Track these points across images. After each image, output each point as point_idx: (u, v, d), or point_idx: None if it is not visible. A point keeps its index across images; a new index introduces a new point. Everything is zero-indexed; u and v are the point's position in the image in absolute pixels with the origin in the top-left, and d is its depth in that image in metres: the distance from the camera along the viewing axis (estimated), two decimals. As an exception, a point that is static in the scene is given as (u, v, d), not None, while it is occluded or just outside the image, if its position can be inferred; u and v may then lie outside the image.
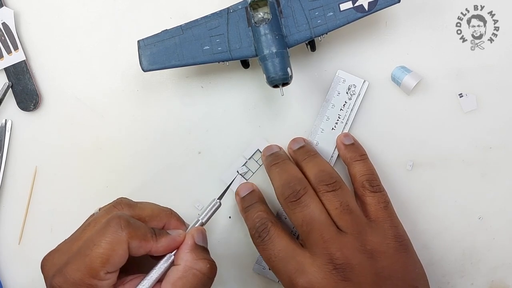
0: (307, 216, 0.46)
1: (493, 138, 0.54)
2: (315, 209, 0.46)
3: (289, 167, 0.50)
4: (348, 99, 0.53)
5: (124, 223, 0.43)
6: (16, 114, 0.57)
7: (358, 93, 0.53)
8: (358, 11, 0.47)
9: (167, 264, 0.45)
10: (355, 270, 0.44)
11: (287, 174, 0.49)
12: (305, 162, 0.51)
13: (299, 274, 0.44)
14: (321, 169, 0.49)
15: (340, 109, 0.53)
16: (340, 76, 0.53)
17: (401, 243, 0.47)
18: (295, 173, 0.49)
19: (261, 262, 0.54)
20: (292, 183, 0.48)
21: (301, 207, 0.47)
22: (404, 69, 0.52)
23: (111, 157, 0.56)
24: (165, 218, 0.49)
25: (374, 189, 0.49)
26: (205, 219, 0.49)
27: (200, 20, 0.50)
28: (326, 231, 0.45)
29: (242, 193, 0.53)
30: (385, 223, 0.47)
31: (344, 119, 0.53)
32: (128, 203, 0.48)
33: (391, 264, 0.45)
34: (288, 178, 0.49)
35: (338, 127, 0.53)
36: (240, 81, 0.55)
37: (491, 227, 0.54)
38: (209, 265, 0.45)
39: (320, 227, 0.46)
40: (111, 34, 0.57)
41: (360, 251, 0.45)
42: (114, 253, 0.41)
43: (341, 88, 0.53)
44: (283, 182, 0.49)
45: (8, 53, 0.56)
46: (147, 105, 0.56)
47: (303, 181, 0.48)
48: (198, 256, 0.45)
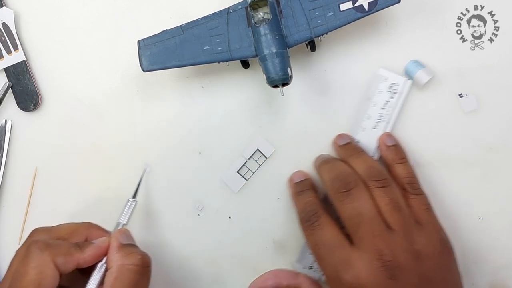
0: (356, 209, 0.46)
1: (493, 139, 0.54)
2: (366, 203, 0.46)
3: (339, 164, 0.50)
4: (390, 97, 0.52)
5: (42, 245, 0.43)
6: (16, 114, 0.57)
7: (401, 92, 0.53)
8: (358, 11, 0.47)
9: (101, 273, 0.45)
10: (403, 269, 0.43)
11: (337, 169, 0.49)
12: (353, 158, 0.50)
13: (346, 267, 0.44)
14: (371, 165, 0.49)
15: (381, 108, 0.53)
16: (381, 74, 0.53)
17: (445, 247, 0.47)
18: (346, 169, 0.49)
19: (302, 260, 0.54)
20: (343, 175, 0.48)
21: (351, 199, 0.46)
22: (417, 64, 0.52)
23: (111, 157, 0.56)
24: (85, 231, 0.48)
25: (416, 191, 0.49)
26: (125, 220, 0.50)
27: (200, 20, 0.50)
28: (376, 226, 0.45)
29: (296, 179, 0.52)
30: (429, 225, 0.47)
31: (386, 118, 0.53)
32: (44, 229, 0.48)
33: (435, 267, 0.45)
34: (339, 172, 0.48)
35: (380, 126, 0.53)
36: (240, 81, 0.55)
37: (492, 228, 0.54)
38: (139, 257, 0.45)
39: (370, 221, 0.45)
40: (111, 34, 0.57)
41: (408, 250, 0.44)
42: (43, 276, 0.42)
43: (383, 86, 0.53)
44: (333, 176, 0.48)
45: (8, 53, 0.56)
46: (147, 105, 0.56)
47: (353, 175, 0.48)
48: (126, 252, 0.45)
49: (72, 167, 0.57)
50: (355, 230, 0.45)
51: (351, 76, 0.54)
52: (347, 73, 0.54)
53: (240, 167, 0.55)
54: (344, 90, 0.54)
